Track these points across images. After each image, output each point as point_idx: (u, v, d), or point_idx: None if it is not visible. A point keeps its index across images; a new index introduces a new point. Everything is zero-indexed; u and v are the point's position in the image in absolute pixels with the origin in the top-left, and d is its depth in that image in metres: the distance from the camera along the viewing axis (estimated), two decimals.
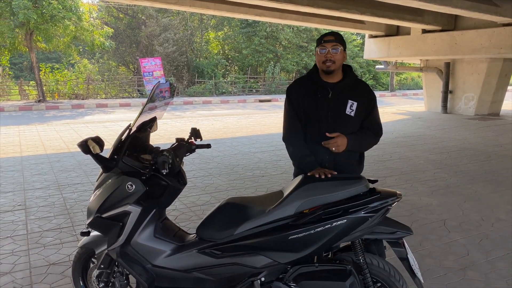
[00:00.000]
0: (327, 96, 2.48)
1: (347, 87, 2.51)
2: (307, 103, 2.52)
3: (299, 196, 2.11)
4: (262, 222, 2.14)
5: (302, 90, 2.57)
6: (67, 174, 6.35)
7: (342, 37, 2.50)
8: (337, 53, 2.43)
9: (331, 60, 2.43)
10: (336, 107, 2.47)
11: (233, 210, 2.30)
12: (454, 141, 9.10)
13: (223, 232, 2.23)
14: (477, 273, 3.21)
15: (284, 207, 2.11)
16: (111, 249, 2.32)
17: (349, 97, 2.48)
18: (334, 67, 2.44)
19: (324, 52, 2.44)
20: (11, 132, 10.79)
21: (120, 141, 2.36)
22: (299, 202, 2.09)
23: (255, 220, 2.16)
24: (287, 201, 2.12)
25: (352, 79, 2.55)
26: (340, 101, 2.48)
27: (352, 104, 2.47)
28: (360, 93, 2.53)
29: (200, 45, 29.55)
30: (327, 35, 2.46)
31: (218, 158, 7.49)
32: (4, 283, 3.10)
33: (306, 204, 2.09)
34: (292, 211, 2.09)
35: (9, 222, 4.35)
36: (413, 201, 4.98)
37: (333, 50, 2.42)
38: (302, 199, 2.09)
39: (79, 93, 22.93)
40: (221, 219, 2.29)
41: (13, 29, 17.68)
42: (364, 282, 2.14)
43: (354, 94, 2.50)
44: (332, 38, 2.44)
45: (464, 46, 12.03)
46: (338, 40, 2.45)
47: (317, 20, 12.34)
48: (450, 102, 14.71)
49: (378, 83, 32.29)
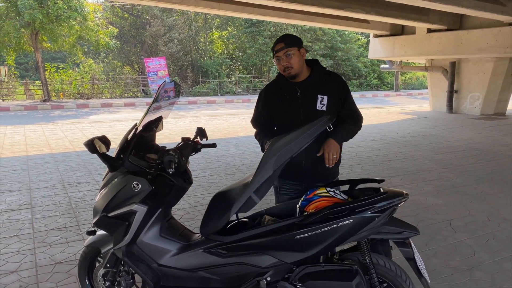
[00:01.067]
0: (296, 96, 2.50)
1: (314, 83, 2.51)
2: (278, 106, 2.54)
3: (270, 154, 2.07)
4: (249, 193, 2.11)
5: (272, 95, 2.60)
6: (73, 174, 6.37)
7: (293, 37, 2.47)
8: (292, 58, 2.42)
9: (288, 66, 2.44)
10: (306, 104, 2.48)
11: (221, 198, 2.31)
12: (459, 141, 9.06)
13: (220, 219, 2.21)
14: (484, 274, 3.19)
15: (262, 171, 2.08)
16: (117, 248, 2.32)
17: (318, 93, 2.48)
18: (294, 71, 2.45)
19: (280, 61, 2.45)
20: (17, 132, 10.85)
21: (126, 140, 2.37)
22: (273, 159, 2.05)
23: (243, 195, 2.13)
24: (262, 164, 2.09)
25: (320, 73, 2.53)
26: (309, 98, 2.48)
27: (322, 98, 2.47)
28: (330, 86, 2.51)
29: (204, 44, 29.58)
30: (277, 42, 2.45)
31: (222, 157, 7.50)
32: (11, 281, 3.12)
33: (279, 158, 2.05)
34: (270, 170, 2.05)
35: (15, 221, 4.37)
36: (418, 201, 4.95)
37: (286, 56, 2.42)
38: (274, 155, 2.06)
39: (84, 92, 23.02)
40: (214, 210, 2.29)
41: (18, 29, 17.77)
42: (370, 282, 2.13)
43: (323, 88, 2.49)
44: (282, 45, 2.43)
45: (469, 46, 11.96)
46: (288, 44, 2.42)
47: (321, 19, 12.32)
48: (455, 102, 14.63)
49: (383, 82, 32.18)
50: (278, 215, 2.39)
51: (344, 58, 30.34)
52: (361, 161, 7.13)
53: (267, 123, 2.67)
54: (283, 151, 2.05)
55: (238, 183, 2.35)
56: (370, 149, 8.19)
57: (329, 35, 29.71)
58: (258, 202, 2.13)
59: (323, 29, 28.83)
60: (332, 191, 2.24)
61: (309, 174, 2.56)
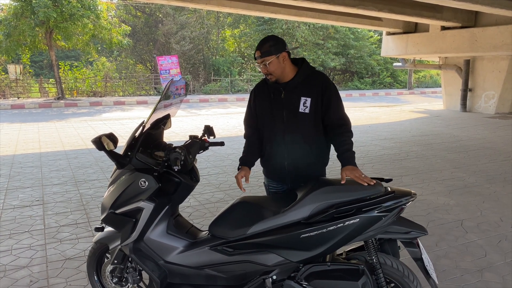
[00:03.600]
0: (280, 97, 2.45)
1: (299, 84, 2.43)
2: (262, 105, 2.53)
3: (315, 199, 2.08)
4: (275, 223, 2.13)
5: (259, 95, 2.58)
6: (84, 171, 6.44)
7: (272, 43, 2.36)
8: (270, 66, 2.37)
9: (267, 74, 2.42)
10: (289, 106, 2.42)
11: (246, 209, 2.28)
12: (473, 140, 8.92)
13: (235, 230, 2.22)
14: (495, 275, 3.14)
15: (298, 209, 2.09)
16: (124, 244, 2.34)
17: (301, 94, 2.40)
18: (274, 78, 2.42)
19: (262, 68, 2.42)
20: (31, 129, 11.01)
21: (134, 138, 2.38)
22: (314, 205, 2.07)
23: (269, 220, 2.15)
24: (302, 203, 2.10)
25: (304, 74, 2.44)
26: (293, 99, 2.42)
27: (305, 100, 2.39)
28: (314, 87, 2.41)
29: (216, 43, 29.64)
30: (256, 49, 2.40)
31: (232, 155, 7.50)
32: (21, 276, 3.16)
33: (320, 206, 2.07)
34: (307, 213, 2.07)
35: (27, 217, 4.43)
36: (429, 200, 4.90)
37: (264, 65, 2.39)
38: (317, 202, 2.07)
39: (97, 90, 23.27)
40: (234, 217, 2.28)
41: (33, 27, 18.03)
42: (377, 282, 2.11)
43: (306, 90, 2.40)
44: (258, 54, 2.38)
45: (484, 43, 11.77)
46: (265, 53, 2.35)
47: (333, 17, 12.24)
48: (469, 100, 14.43)
49: (396, 81, 31.88)
50: None
51: (356, 56, 30.12)
52: (372, 160, 7.07)
53: (255, 125, 2.64)
54: (328, 203, 2.07)
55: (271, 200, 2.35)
56: (382, 148, 8.12)
57: (342, 33, 29.51)
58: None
59: (335, 27, 28.65)
60: None
61: (292, 176, 2.52)
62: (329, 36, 29.38)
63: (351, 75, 31.73)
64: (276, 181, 2.64)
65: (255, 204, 2.29)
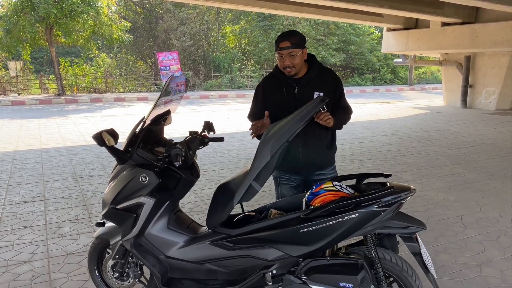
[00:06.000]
0: (293, 92, 2.52)
1: (312, 79, 2.54)
2: (274, 101, 2.56)
3: (266, 140, 2.08)
4: (249, 181, 2.12)
5: (270, 90, 2.60)
6: (85, 167, 6.46)
7: (299, 36, 2.45)
8: (295, 58, 2.42)
9: (290, 66, 2.44)
10: (302, 101, 2.47)
11: (224, 189, 2.32)
12: (473, 136, 8.93)
13: (224, 210, 2.23)
14: (494, 270, 3.15)
15: (259, 158, 2.08)
16: (125, 240, 2.36)
17: (315, 89, 2.53)
18: (294, 71, 2.48)
19: (282, 58, 2.44)
20: (32, 125, 11.03)
21: (134, 133, 2.39)
22: (269, 145, 2.05)
23: (243, 184, 2.14)
24: (259, 151, 2.09)
25: (317, 70, 2.57)
26: (307, 94, 2.52)
27: (318, 95, 2.51)
28: (326, 83, 2.57)
29: (216, 39, 29.59)
30: (283, 39, 2.43)
31: (233, 152, 7.52)
32: (23, 271, 3.19)
33: (276, 143, 2.05)
34: (268, 156, 2.06)
35: (28, 213, 4.46)
36: (429, 196, 4.91)
37: (290, 56, 2.42)
38: (270, 141, 2.06)
39: (97, 87, 23.26)
40: (218, 202, 2.31)
41: (33, 24, 18.00)
42: (376, 277, 2.13)
43: (319, 85, 2.55)
44: (288, 44, 2.41)
45: (485, 39, 11.74)
46: (294, 45, 2.41)
47: (334, 13, 12.22)
48: (470, 97, 14.41)
49: (396, 77, 31.83)
50: (284, 209, 2.40)
51: (357, 52, 30.06)
52: (372, 156, 7.08)
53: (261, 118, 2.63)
54: (279, 136, 2.06)
55: (238, 173, 2.37)
56: (382, 144, 8.13)
57: (342, 29, 29.44)
58: (260, 189, 2.14)
59: (336, 23, 28.58)
60: (339, 185, 2.23)
61: (306, 167, 2.64)
62: (330, 32, 29.31)
63: (352, 71, 31.68)
64: (288, 173, 2.71)
65: (228, 182, 2.35)
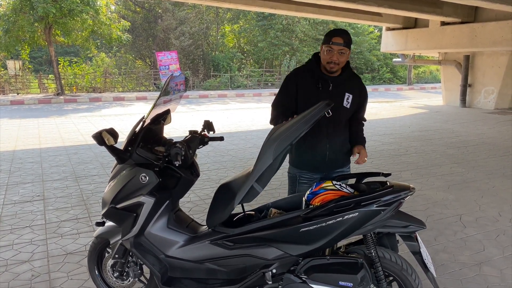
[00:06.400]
0: (328, 89, 2.56)
1: (344, 81, 2.61)
2: (307, 94, 2.56)
3: (270, 142, 2.08)
4: (251, 182, 2.12)
5: (303, 81, 2.60)
6: (84, 166, 6.46)
7: (350, 37, 2.51)
8: (343, 56, 2.47)
9: (335, 62, 2.47)
10: (335, 99, 2.53)
11: (225, 189, 2.33)
12: (472, 136, 8.94)
13: (224, 210, 2.23)
14: (493, 269, 3.16)
15: (262, 159, 2.08)
16: (125, 239, 2.36)
17: (346, 90, 2.60)
18: (337, 68, 2.52)
19: (331, 53, 2.46)
20: (31, 125, 11.01)
21: (134, 133, 2.39)
22: (272, 147, 2.06)
23: (245, 185, 2.15)
24: (262, 152, 2.09)
25: (350, 72, 2.65)
26: (339, 94, 2.58)
27: (348, 96, 2.61)
28: (355, 86, 2.68)
29: (215, 38, 29.57)
30: (337, 35, 2.45)
31: (232, 151, 7.52)
32: (23, 271, 3.19)
33: (279, 146, 2.04)
34: (271, 158, 2.06)
35: (28, 212, 4.45)
36: (428, 195, 4.92)
37: (339, 53, 2.45)
38: (273, 143, 2.06)
39: (96, 86, 23.21)
40: (218, 201, 2.31)
41: (32, 23, 17.96)
42: (376, 276, 2.14)
43: (350, 87, 2.63)
44: (341, 41, 2.44)
45: (484, 39, 11.76)
46: (346, 43, 2.45)
47: (333, 12, 12.22)
48: (469, 96, 14.43)
49: (395, 76, 31.83)
50: (284, 208, 2.40)
51: (356, 51, 30.04)
52: (371, 156, 7.09)
53: (290, 108, 2.62)
54: (282, 139, 2.06)
55: (240, 174, 2.37)
56: (381, 144, 8.13)
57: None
58: (261, 191, 2.14)
59: (335, 22, 28.54)
60: (338, 184, 2.24)
61: (330, 165, 2.71)
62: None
63: None
64: (311, 172, 2.73)
65: (230, 182, 2.36)
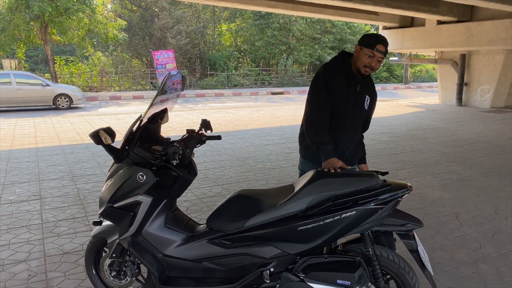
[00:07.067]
0: (356, 89, 2.61)
1: (366, 83, 2.68)
2: (340, 91, 2.58)
3: (311, 191, 2.10)
4: (272, 216, 2.15)
5: (333, 78, 2.59)
6: (81, 165, 6.44)
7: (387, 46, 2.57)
8: (379, 64, 2.52)
9: (372, 68, 2.50)
10: (358, 100, 2.63)
11: (244, 202, 2.30)
12: (468, 134, 8.97)
13: (233, 223, 2.24)
14: (489, 267, 3.18)
15: (295, 202, 2.11)
16: (123, 238, 2.36)
17: (366, 92, 2.68)
18: (369, 72, 2.56)
19: (371, 59, 2.49)
20: (27, 124, 10.97)
21: (131, 132, 2.39)
22: (311, 198, 2.08)
23: (266, 213, 2.16)
24: (299, 196, 2.11)
25: (370, 76, 2.72)
26: (362, 95, 2.65)
27: (367, 98, 2.69)
28: (372, 89, 2.75)
29: (212, 37, 29.53)
30: (381, 43, 2.47)
31: (229, 150, 7.51)
32: (20, 270, 3.17)
33: (317, 199, 2.08)
34: (304, 206, 2.09)
35: (24, 212, 4.44)
36: (425, 194, 4.93)
37: (378, 60, 2.49)
38: (313, 194, 2.09)
39: (93, 85, 23.17)
40: (231, 210, 2.30)
41: (28, 22, 17.91)
42: (373, 274, 2.14)
43: (369, 90, 2.70)
44: (383, 50, 2.48)
45: (480, 38, 11.80)
46: (385, 53, 2.51)
47: (330, 11, 12.23)
48: (465, 95, 14.48)
49: (392, 75, 31.89)
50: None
51: (353, 50, 29.98)
52: (368, 154, 7.01)
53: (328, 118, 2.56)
54: (324, 195, 2.08)
55: (268, 194, 2.33)
56: (378, 142, 8.15)
57: (338, 27, 29.47)
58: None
59: (332, 21, 28.59)
60: None
61: (351, 159, 2.75)
62: (326, 31, 29.32)
63: None
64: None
65: (252, 197, 2.30)
